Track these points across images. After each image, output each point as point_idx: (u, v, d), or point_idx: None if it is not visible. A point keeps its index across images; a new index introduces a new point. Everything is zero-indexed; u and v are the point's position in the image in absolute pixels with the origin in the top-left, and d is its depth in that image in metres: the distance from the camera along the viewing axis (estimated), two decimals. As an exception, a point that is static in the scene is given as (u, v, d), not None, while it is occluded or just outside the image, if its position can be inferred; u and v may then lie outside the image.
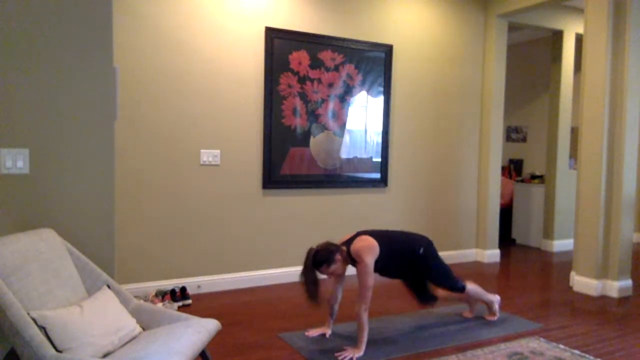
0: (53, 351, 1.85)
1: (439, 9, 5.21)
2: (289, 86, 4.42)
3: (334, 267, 3.02)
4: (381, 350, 3.03)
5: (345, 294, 3.91)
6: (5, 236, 2.15)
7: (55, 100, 2.45)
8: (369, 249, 3.02)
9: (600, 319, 3.72)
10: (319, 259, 2.97)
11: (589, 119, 4.37)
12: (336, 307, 3.28)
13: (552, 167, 6.25)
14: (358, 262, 3.01)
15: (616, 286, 4.28)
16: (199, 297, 4.02)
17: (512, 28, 6.21)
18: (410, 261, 3.23)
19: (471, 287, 3.47)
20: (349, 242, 3.12)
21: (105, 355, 2.03)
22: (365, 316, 2.95)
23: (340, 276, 3.20)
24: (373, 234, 3.16)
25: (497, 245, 5.66)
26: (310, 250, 3.01)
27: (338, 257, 3.03)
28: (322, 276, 3.03)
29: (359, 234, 3.17)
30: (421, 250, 3.23)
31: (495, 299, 3.61)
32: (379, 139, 4.92)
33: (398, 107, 5.04)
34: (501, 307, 3.80)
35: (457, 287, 3.40)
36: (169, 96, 3.96)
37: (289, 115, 4.43)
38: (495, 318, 3.57)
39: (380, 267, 3.13)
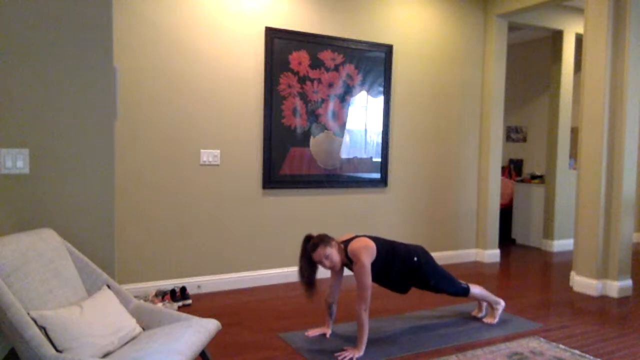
0: (53, 351, 1.85)
1: (439, 9, 5.21)
2: (289, 86, 4.41)
3: (329, 250, 3.01)
4: (381, 350, 3.03)
5: (346, 294, 3.91)
6: (5, 236, 2.15)
7: (55, 100, 2.45)
8: (366, 249, 3.03)
9: (600, 319, 3.72)
10: (315, 241, 3.03)
11: (589, 119, 4.37)
12: (334, 307, 3.27)
13: (552, 167, 6.25)
14: (355, 262, 3.01)
15: (616, 286, 4.28)
16: (199, 297, 4.02)
17: (512, 28, 6.20)
18: (408, 268, 3.23)
19: (475, 289, 3.46)
20: (346, 242, 3.13)
21: (105, 355, 2.03)
22: (365, 316, 2.95)
23: (338, 272, 3.20)
24: (369, 237, 3.19)
25: (497, 245, 5.66)
26: (306, 237, 3.11)
27: (333, 242, 3.07)
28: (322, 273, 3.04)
29: (356, 236, 3.18)
30: (415, 259, 3.25)
31: (501, 304, 3.60)
32: (379, 139, 4.92)
33: (398, 107, 5.04)
34: (504, 310, 3.79)
35: (459, 290, 3.39)
36: (169, 96, 3.96)
37: (289, 115, 4.43)
38: (495, 322, 3.53)
39: (378, 269, 3.12)
